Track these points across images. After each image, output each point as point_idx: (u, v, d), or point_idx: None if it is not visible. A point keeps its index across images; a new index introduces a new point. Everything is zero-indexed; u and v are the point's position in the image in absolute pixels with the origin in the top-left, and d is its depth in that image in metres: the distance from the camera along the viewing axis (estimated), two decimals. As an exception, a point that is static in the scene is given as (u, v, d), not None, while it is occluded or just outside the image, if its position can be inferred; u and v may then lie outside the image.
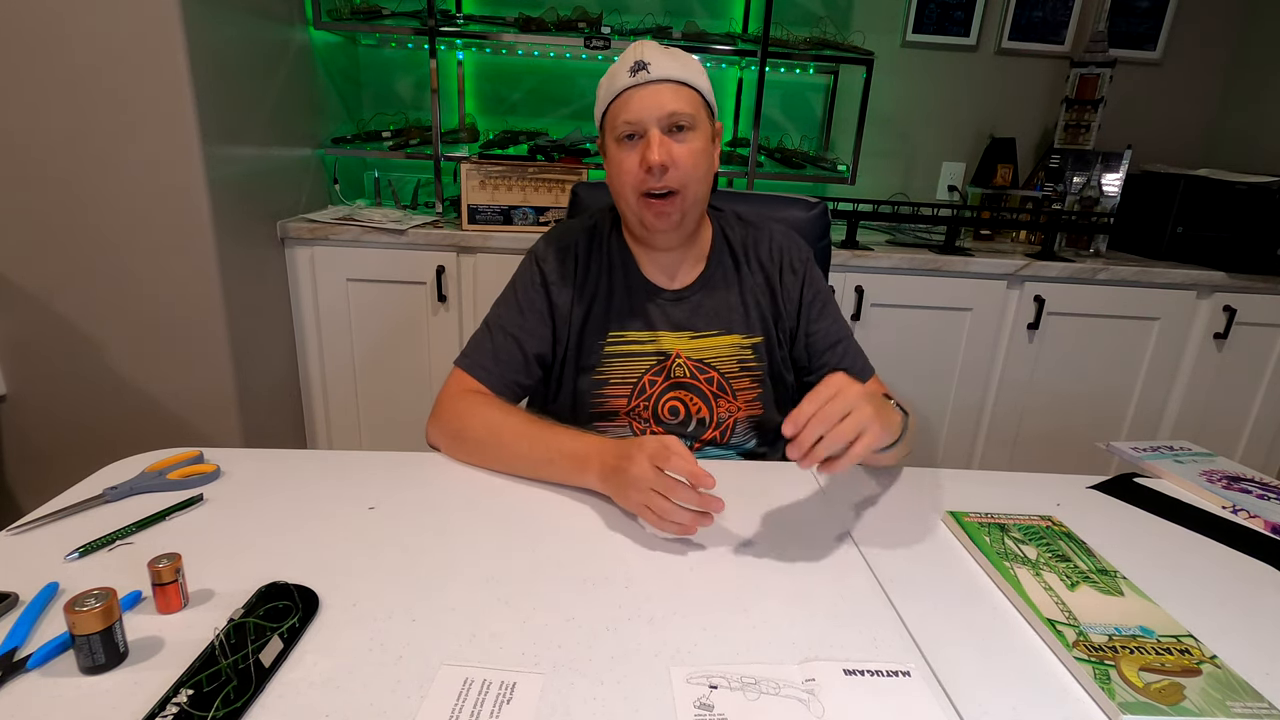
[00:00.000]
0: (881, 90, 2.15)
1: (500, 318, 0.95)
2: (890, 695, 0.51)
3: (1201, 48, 2.21)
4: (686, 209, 0.89)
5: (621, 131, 0.86)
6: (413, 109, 2.17)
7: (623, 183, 0.88)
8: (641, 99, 0.84)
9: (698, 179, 0.88)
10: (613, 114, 0.87)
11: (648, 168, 0.84)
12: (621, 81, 0.85)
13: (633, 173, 0.86)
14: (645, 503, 0.69)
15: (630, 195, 0.88)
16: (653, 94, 0.84)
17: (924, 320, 1.87)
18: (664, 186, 0.86)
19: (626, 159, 0.86)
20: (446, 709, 0.48)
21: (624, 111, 0.85)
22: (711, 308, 0.96)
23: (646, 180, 0.86)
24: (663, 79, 0.84)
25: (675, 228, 0.90)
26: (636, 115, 0.84)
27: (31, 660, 0.50)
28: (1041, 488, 0.87)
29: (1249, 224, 1.87)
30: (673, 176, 0.85)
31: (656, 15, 2.10)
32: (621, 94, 0.86)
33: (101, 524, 0.68)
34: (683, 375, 0.95)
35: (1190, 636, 0.58)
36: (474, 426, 0.85)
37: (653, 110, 0.84)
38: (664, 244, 0.94)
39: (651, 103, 0.84)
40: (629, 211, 0.91)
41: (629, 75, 0.85)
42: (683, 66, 0.86)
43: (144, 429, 1.56)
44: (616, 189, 0.91)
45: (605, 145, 0.91)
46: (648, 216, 0.89)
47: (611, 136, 0.88)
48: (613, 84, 0.87)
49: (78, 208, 1.41)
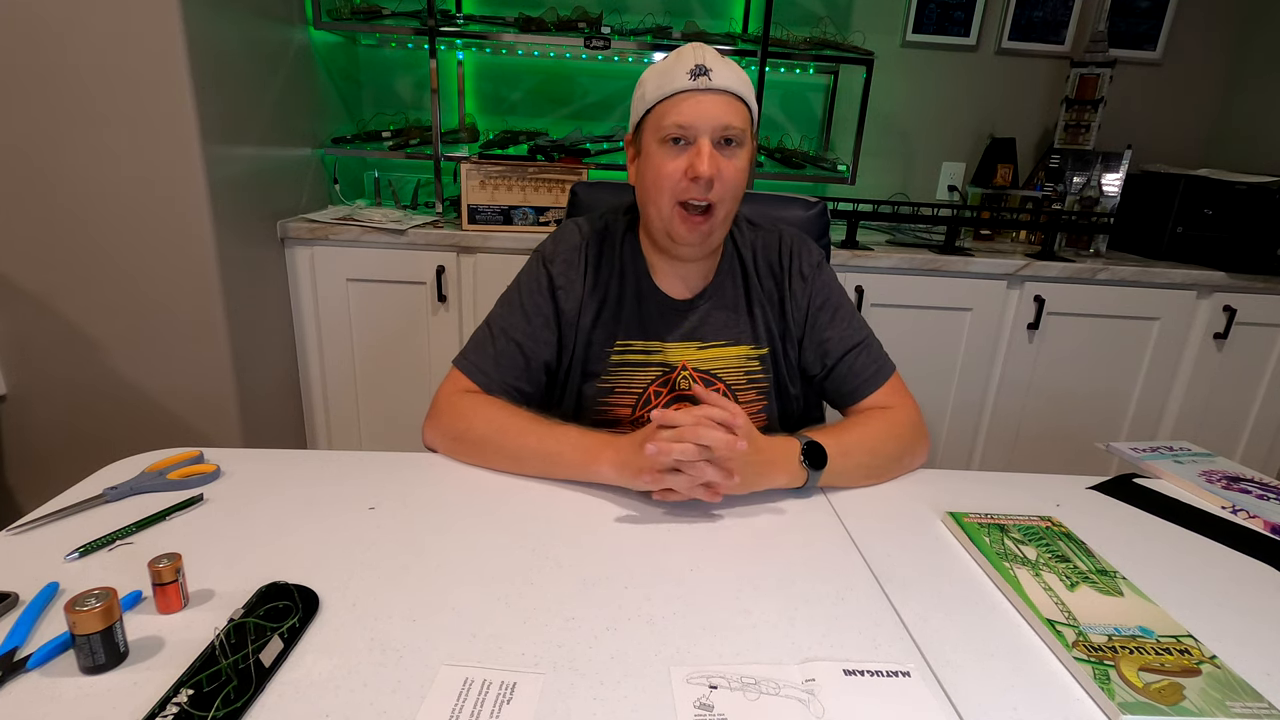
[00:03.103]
0: (881, 90, 2.15)
1: (504, 320, 0.93)
2: (890, 695, 0.51)
3: (1201, 48, 2.21)
4: (717, 225, 0.86)
5: (669, 133, 0.82)
6: (413, 109, 2.17)
7: (660, 186, 0.84)
8: (697, 105, 0.81)
9: (735, 197, 0.85)
10: (661, 113, 0.83)
11: (693, 177, 0.81)
12: (679, 82, 0.81)
13: (674, 178, 0.83)
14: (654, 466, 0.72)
15: (665, 201, 0.84)
16: (710, 103, 0.81)
17: (924, 320, 1.87)
18: (706, 199, 0.83)
19: (670, 163, 0.83)
20: (446, 709, 0.48)
21: (676, 114, 0.81)
22: (720, 318, 0.95)
23: (689, 189, 0.82)
24: (722, 89, 0.81)
25: (703, 242, 0.87)
26: (690, 121, 0.81)
27: (31, 660, 0.50)
28: (1041, 488, 0.87)
29: (1249, 224, 1.87)
30: (715, 191, 0.83)
31: (656, 15, 2.10)
32: (676, 95, 0.82)
33: (101, 524, 0.68)
34: (688, 387, 0.94)
35: (1190, 637, 0.58)
36: (477, 425, 0.85)
37: (708, 119, 0.81)
38: (687, 256, 0.91)
39: (708, 111, 0.81)
40: (658, 217, 0.87)
41: (688, 77, 0.81)
42: (740, 80, 0.83)
43: (144, 429, 1.56)
44: (650, 191, 0.86)
45: (642, 143, 0.87)
46: (679, 228, 0.85)
47: (654, 136, 0.84)
48: (667, 82, 0.82)
49: (78, 208, 1.41)
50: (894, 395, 0.94)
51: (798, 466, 0.79)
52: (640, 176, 0.89)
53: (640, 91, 0.87)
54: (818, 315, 0.96)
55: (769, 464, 0.77)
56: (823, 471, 0.79)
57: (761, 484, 0.77)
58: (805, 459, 0.79)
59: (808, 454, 0.79)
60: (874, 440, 0.86)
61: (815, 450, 0.79)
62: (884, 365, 0.96)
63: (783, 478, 0.78)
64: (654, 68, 0.86)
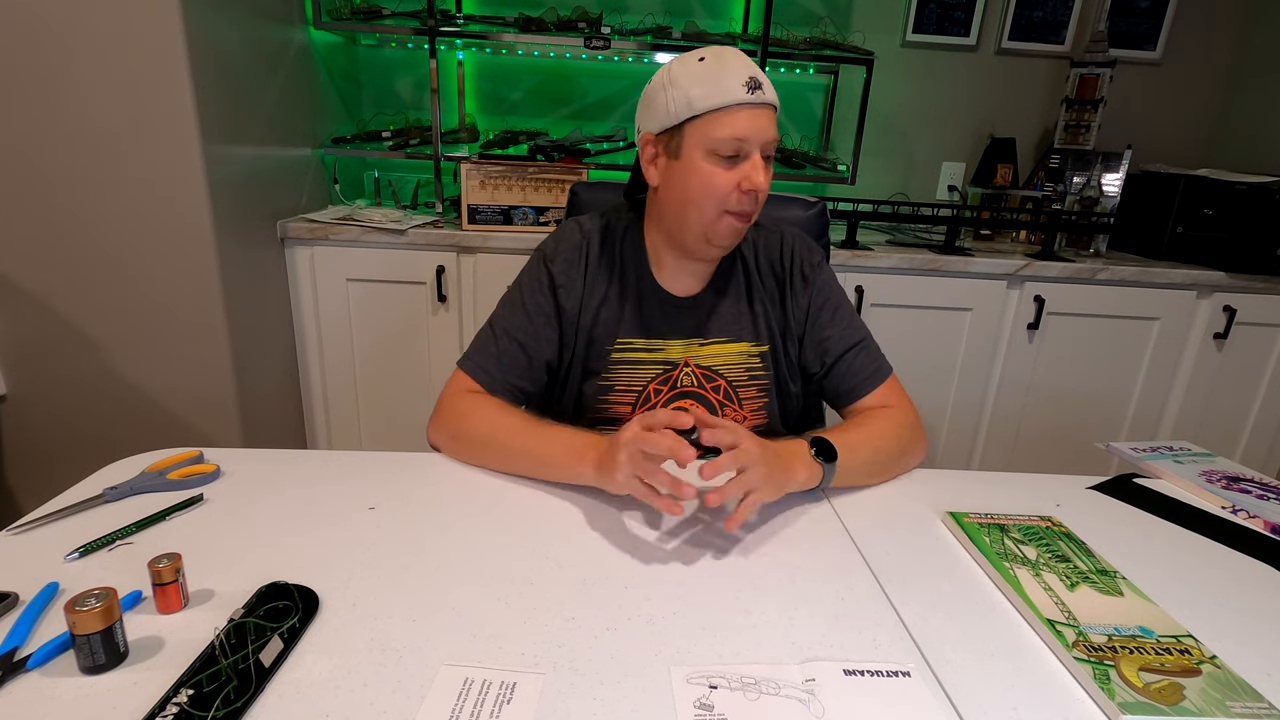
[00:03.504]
0: (881, 90, 2.15)
1: (506, 321, 0.93)
2: (890, 695, 0.51)
3: (1201, 48, 2.21)
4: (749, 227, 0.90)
5: (725, 146, 0.82)
6: (413, 109, 2.17)
7: (710, 196, 0.84)
8: (753, 120, 0.82)
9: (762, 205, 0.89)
10: (714, 124, 0.82)
11: (748, 190, 0.83)
12: (735, 95, 0.81)
13: (726, 189, 0.84)
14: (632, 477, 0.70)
15: (711, 210, 0.85)
16: (765, 118, 0.83)
17: (924, 320, 1.87)
18: (751, 210, 0.86)
19: (722, 175, 0.83)
20: (446, 709, 0.48)
21: (733, 127, 0.81)
22: (722, 314, 0.95)
23: (741, 201, 0.84)
24: (769, 104, 0.84)
25: (736, 243, 0.91)
26: (747, 135, 0.82)
27: (31, 660, 0.50)
28: (1041, 488, 0.87)
29: (1249, 224, 1.87)
30: (759, 202, 0.87)
31: (656, 15, 2.10)
32: (732, 107, 0.81)
33: (101, 524, 0.68)
34: (690, 384, 0.94)
35: (1190, 636, 0.58)
36: (474, 426, 0.85)
37: (761, 134, 0.83)
38: (714, 256, 0.93)
39: (762, 126, 0.83)
40: (700, 223, 0.87)
41: (745, 90, 0.81)
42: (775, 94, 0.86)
43: (144, 429, 1.56)
44: (694, 199, 0.85)
45: (683, 148, 0.85)
46: (723, 232, 0.87)
47: (702, 144, 0.83)
48: (719, 91, 0.81)
49: (78, 208, 1.41)
50: (892, 395, 0.95)
51: (812, 462, 0.78)
52: (676, 182, 0.87)
53: (677, 94, 0.83)
54: (818, 314, 0.96)
55: (788, 463, 0.76)
56: (835, 466, 0.79)
57: (787, 484, 0.76)
58: (817, 454, 0.79)
59: (818, 450, 0.79)
60: (878, 438, 0.87)
61: (824, 446, 0.80)
62: (882, 365, 0.96)
63: (802, 474, 0.77)
64: (688, 69, 0.83)
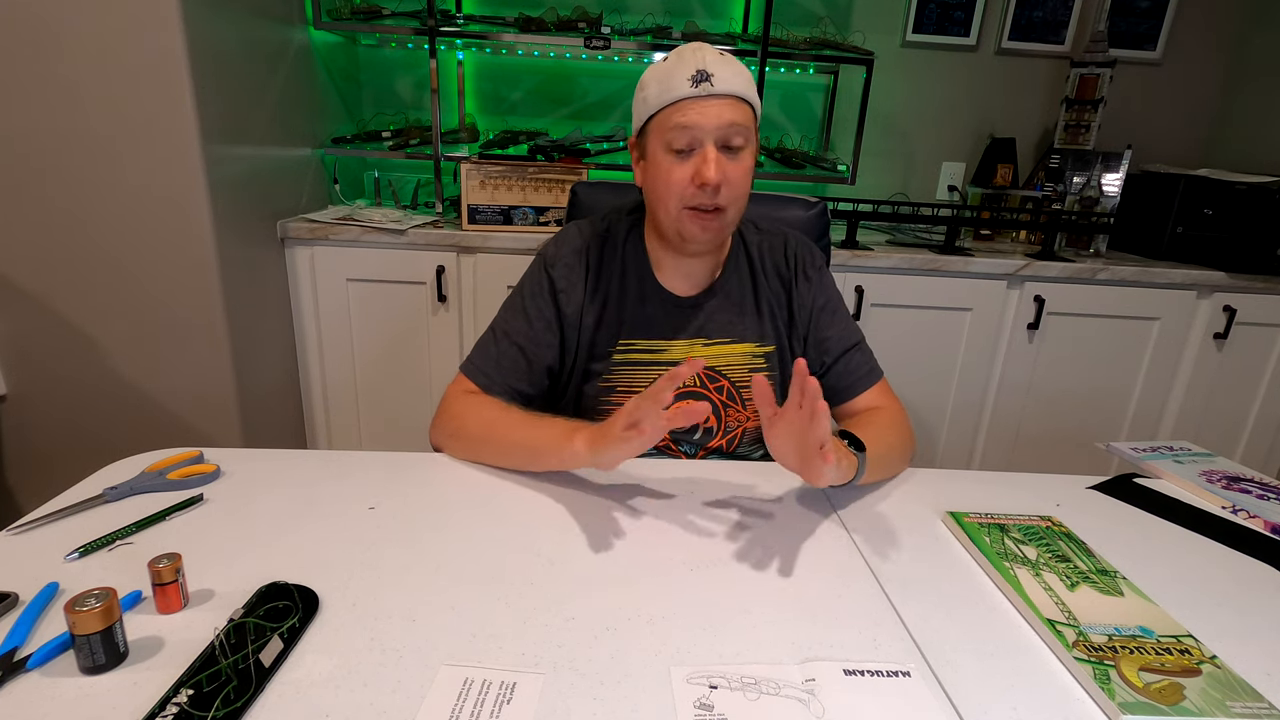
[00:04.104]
0: (881, 90, 2.15)
1: (507, 324, 0.94)
2: (890, 695, 0.51)
3: (1201, 48, 2.21)
4: (728, 224, 0.87)
5: (676, 141, 0.82)
6: (413, 109, 2.17)
7: (668, 193, 0.84)
8: (701, 112, 0.80)
9: (744, 197, 0.86)
10: (665, 120, 0.82)
11: (700, 184, 0.81)
12: (680, 89, 0.80)
13: (681, 185, 0.83)
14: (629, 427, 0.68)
15: (674, 206, 0.85)
16: (715, 108, 0.80)
17: (924, 320, 1.87)
18: (714, 204, 0.83)
19: (676, 170, 0.83)
20: (446, 709, 0.48)
21: (679, 122, 0.81)
22: (725, 315, 0.95)
23: (696, 195, 0.83)
24: (726, 93, 0.80)
25: (712, 241, 0.89)
26: (696, 127, 0.80)
27: (31, 660, 0.50)
28: (1041, 488, 0.87)
29: (1249, 224, 1.87)
30: (723, 195, 0.83)
31: (656, 15, 2.10)
32: (679, 102, 0.81)
33: (101, 524, 0.68)
34: (692, 384, 0.94)
35: (1190, 636, 0.58)
36: (470, 423, 0.87)
37: (712, 126, 0.80)
38: (698, 252, 0.91)
39: (711, 118, 0.80)
40: (667, 220, 0.87)
41: (689, 84, 0.80)
42: (743, 81, 0.82)
43: (144, 429, 1.56)
44: (658, 197, 0.86)
45: (647, 147, 0.86)
46: (690, 228, 0.85)
47: (659, 142, 0.84)
48: (669, 88, 0.81)
49: (78, 208, 1.41)
50: (884, 396, 0.97)
51: (849, 453, 0.77)
52: (648, 181, 0.88)
53: (642, 95, 0.85)
54: (820, 314, 0.98)
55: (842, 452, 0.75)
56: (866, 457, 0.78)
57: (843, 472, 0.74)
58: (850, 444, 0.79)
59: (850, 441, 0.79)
60: (884, 434, 0.87)
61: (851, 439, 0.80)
62: (875, 367, 0.99)
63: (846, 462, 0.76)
64: (655, 69, 0.85)
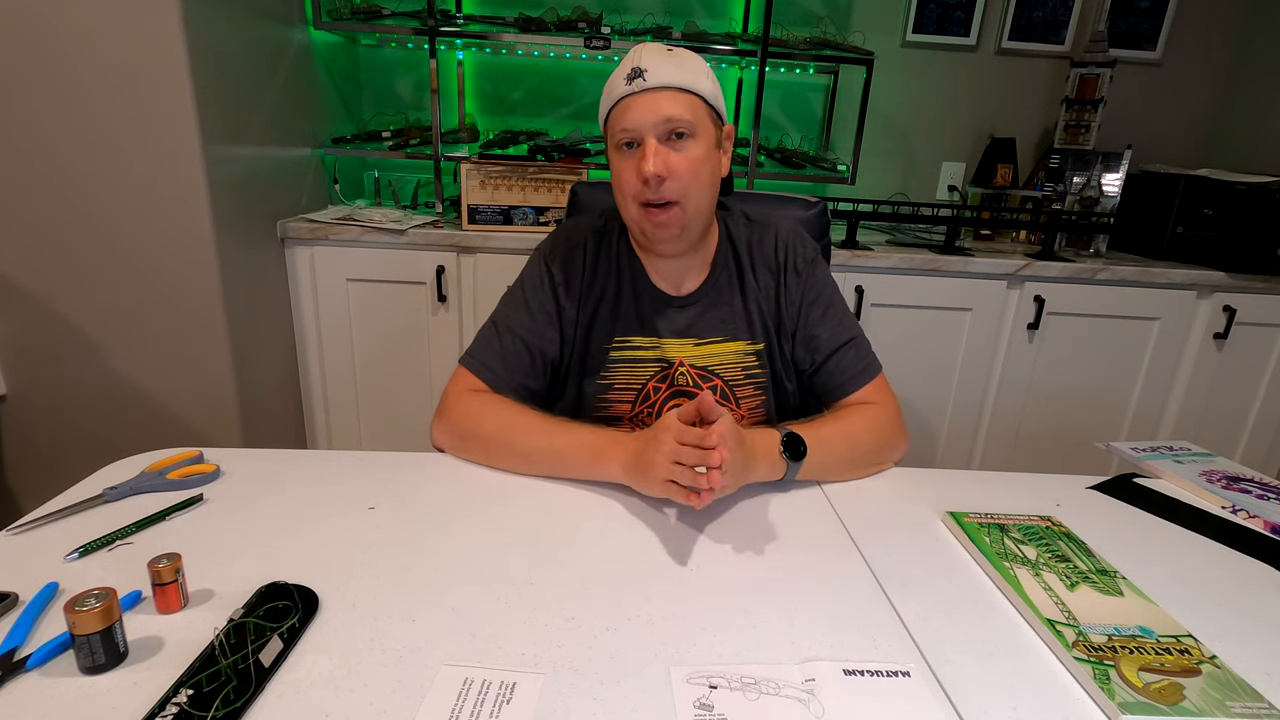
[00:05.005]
0: (881, 90, 2.15)
1: (509, 318, 0.94)
2: (890, 695, 0.51)
3: (1201, 48, 2.21)
4: (687, 220, 0.86)
5: (620, 140, 0.84)
6: (413, 109, 2.17)
7: (623, 192, 0.87)
8: (639, 107, 0.82)
9: (699, 187, 0.85)
10: (613, 122, 0.86)
11: (644, 179, 0.82)
12: (618, 89, 0.84)
13: (631, 182, 0.84)
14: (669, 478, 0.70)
15: (630, 205, 0.86)
16: (650, 102, 0.82)
17: (924, 320, 1.87)
18: (661, 197, 0.84)
19: (625, 168, 0.85)
20: (446, 709, 0.48)
21: (622, 120, 0.83)
22: (716, 315, 0.95)
23: (644, 191, 0.84)
24: (660, 86, 0.82)
25: (676, 238, 0.88)
26: (633, 124, 0.82)
27: (31, 660, 0.50)
28: (1041, 488, 0.87)
29: (1249, 224, 1.87)
30: (670, 187, 0.83)
31: (656, 15, 2.10)
32: (619, 102, 0.84)
33: (101, 524, 0.68)
34: (686, 383, 0.94)
35: (1190, 636, 0.58)
36: (485, 424, 0.85)
37: (649, 119, 0.82)
38: (667, 252, 0.92)
39: (648, 111, 0.82)
40: (630, 221, 0.90)
41: (625, 82, 0.83)
42: (682, 71, 0.83)
43: (144, 429, 1.56)
44: (619, 198, 0.89)
45: (608, 151, 0.90)
46: (647, 226, 0.87)
47: (611, 144, 0.87)
48: (611, 91, 0.85)
49: (78, 208, 1.41)
50: (878, 393, 0.96)
51: (778, 458, 0.80)
52: (613, 184, 0.91)
53: (601, 101, 0.89)
54: (810, 310, 0.96)
55: (751, 457, 0.77)
56: (802, 463, 0.80)
57: (746, 477, 0.78)
58: (785, 451, 0.80)
59: (787, 446, 0.80)
60: (853, 432, 0.87)
61: (794, 441, 0.80)
62: (871, 364, 0.97)
63: (763, 469, 0.79)
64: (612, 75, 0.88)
